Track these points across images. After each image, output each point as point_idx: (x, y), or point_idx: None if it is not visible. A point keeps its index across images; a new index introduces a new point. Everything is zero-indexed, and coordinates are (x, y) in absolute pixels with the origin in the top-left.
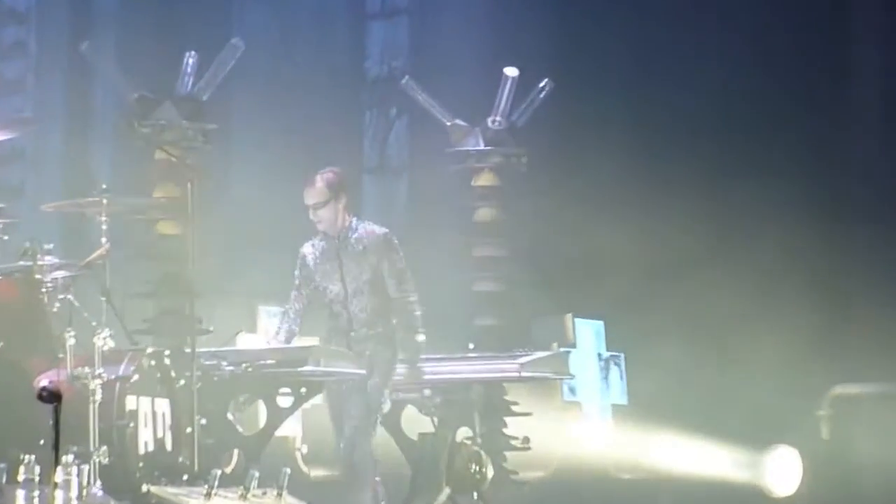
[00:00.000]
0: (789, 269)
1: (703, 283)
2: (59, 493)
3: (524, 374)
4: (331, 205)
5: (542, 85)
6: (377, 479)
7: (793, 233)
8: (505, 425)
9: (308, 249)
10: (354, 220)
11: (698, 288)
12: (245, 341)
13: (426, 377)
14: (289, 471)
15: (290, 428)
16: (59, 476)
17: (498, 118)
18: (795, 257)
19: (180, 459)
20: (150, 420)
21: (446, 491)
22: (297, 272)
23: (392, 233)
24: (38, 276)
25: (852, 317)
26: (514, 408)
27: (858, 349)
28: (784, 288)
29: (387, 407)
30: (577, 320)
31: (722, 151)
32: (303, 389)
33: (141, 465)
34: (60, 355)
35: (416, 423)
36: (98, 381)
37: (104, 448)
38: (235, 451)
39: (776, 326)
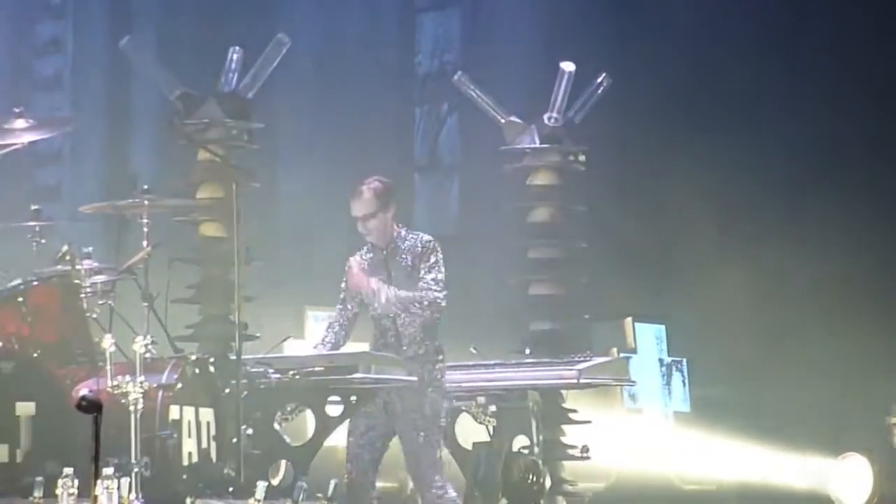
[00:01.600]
0: (859, 275)
1: (769, 287)
2: None
3: (583, 380)
4: (379, 216)
5: (599, 80)
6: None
7: (862, 239)
8: (563, 434)
9: (355, 261)
10: (403, 230)
11: (763, 292)
12: (293, 348)
13: (481, 384)
14: (338, 481)
15: (340, 438)
16: (98, 489)
17: (554, 115)
18: (865, 264)
19: (225, 471)
20: (194, 430)
21: (503, 502)
22: (343, 285)
23: (438, 237)
24: (76, 281)
25: None
26: (572, 416)
27: None
28: (853, 293)
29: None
30: (637, 325)
31: (791, 144)
32: (353, 398)
33: (185, 477)
34: (100, 363)
35: (470, 431)
36: (140, 390)
37: (146, 460)
38: (283, 462)
39: (845, 332)
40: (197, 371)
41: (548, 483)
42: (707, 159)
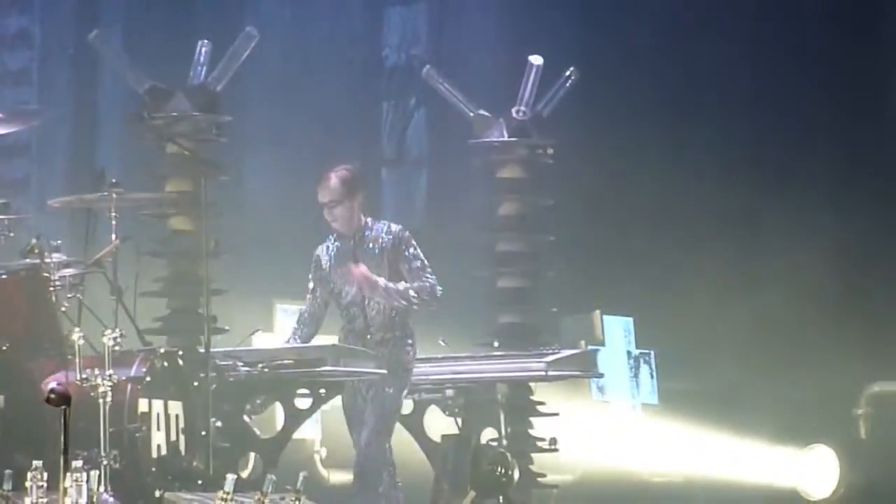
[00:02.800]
0: (826, 266)
1: (737, 279)
2: (67, 500)
3: (551, 372)
4: (346, 203)
5: (567, 74)
6: (398, 483)
7: (829, 230)
8: (531, 426)
9: (322, 251)
10: (370, 219)
11: (731, 284)
12: (262, 341)
13: (450, 376)
14: (307, 474)
15: (309, 430)
16: (68, 482)
17: (522, 108)
18: (832, 255)
19: (194, 464)
20: (163, 423)
21: (471, 494)
22: (311, 275)
23: (406, 228)
24: (45, 275)
25: (891, 313)
26: (540, 408)
27: None
28: (821, 285)
29: (407, 408)
30: (605, 317)
31: (758, 137)
32: (322, 390)
33: (153, 469)
34: (69, 356)
35: (439, 424)
36: (108, 383)
37: (115, 453)
38: (252, 455)
39: (812, 324)
40: (166, 364)
41: (516, 475)
42: (675, 152)
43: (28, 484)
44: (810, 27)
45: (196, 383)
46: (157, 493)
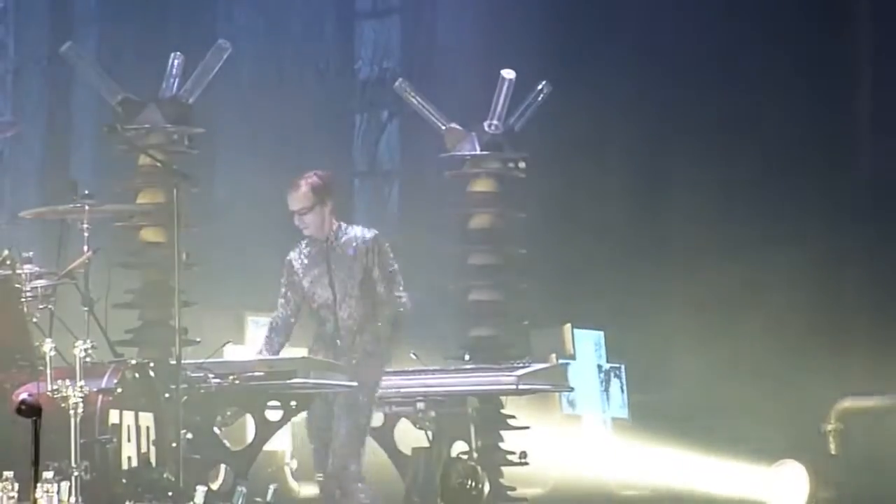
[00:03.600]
0: (794, 281)
1: (707, 293)
2: None
3: (521, 386)
4: (316, 210)
5: (539, 87)
6: (365, 500)
7: (797, 244)
8: (502, 439)
9: (294, 255)
10: (342, 224)
11: (701, 299)
12: (232, 353)
13: (420, 389)
14: (277, 486)
15: (280, 442)
16: (38, 493)
17: (495, 122)
18: (801, 270)
19: (165, 475)
20: (134, 434)
21: None
22: (283, 279)
23: (381, 235)
24: (17, 286)
25: (859, 329)
26: (511, 421)
27: (865, 361)
28: (789, 300)
29: (378, 421)
30: (576, 331)
31: (727, 155)
32: (292, 403)
33: (124, 481)
34: (40, 367)
35: (409, 437)
36: (79, 395)
37: (86, 464)
38: (222, 467)
39: (782, 339)
40: (137, 375)
41: (486, 488)
42: (647, 166)
43: None
44: (784, 36)
45: (167, 395)
46: None
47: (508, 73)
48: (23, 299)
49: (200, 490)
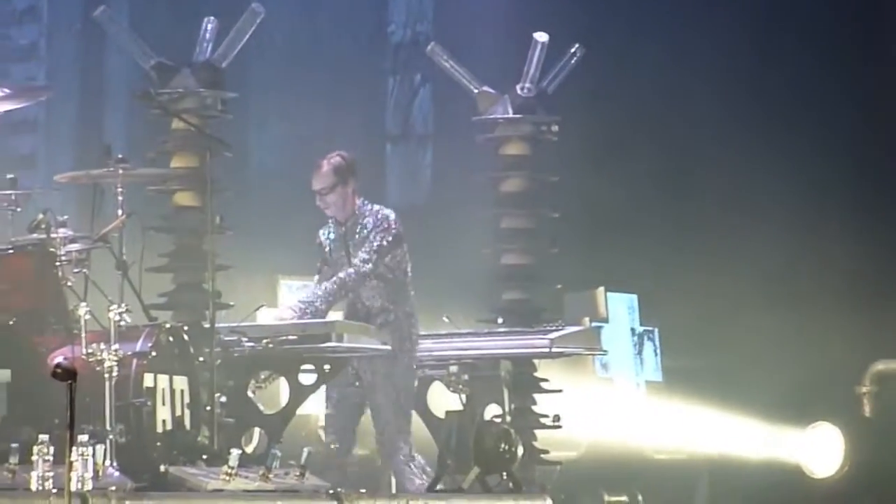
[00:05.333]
0: (830, 242)
1: (741, 255)
2: (74, 474)
3: (555, 349)
4: (338, 190)
5: (572, 50)
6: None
7: (831, 205)
8: (535, 403)
9: (323, 235)
10: (361, 203)
11: (735, 260)
12: (266, 316)
13: (453, 353)
14: (311, 450)
15: (313, 406)
16: (73, 456)
17: (527, 85)
18: (836, 231)
19: (199, 438)
20: (168, 398)
21: (475, 470)
22: (319, 260)
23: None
24: (52, 250)
25: (894, 292)
26: (544, 384)
27: None
28: (825, 262)
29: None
30: (609, 294)
31: (757, 120)
32: (326, 366)
33: (159, 444)
34: (75, 331)
35: (443, 400)
36: (114, 358)
37: (121, 427)
38: (256, 430)
39: (817, 301)
40: (171, 339)
41: (520, 451)
42: (680, 128)
43: (34, 458)
44: (820, 5)
45: (201, 358)
46: (162, 468)
47: (541, 36)
48: (57, 263)
49: (234, 453)
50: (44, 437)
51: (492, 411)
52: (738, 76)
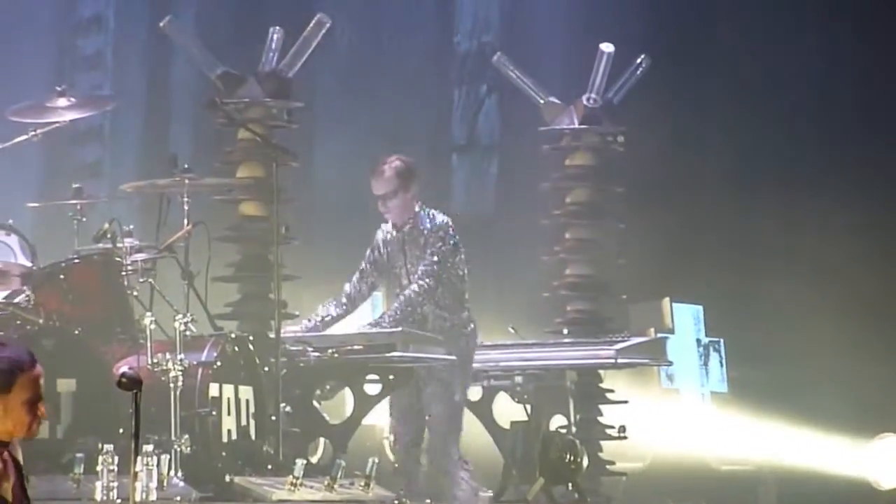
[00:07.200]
0: (893, 256)
1: (808, 266)
2: (138, 484)
3: (620, 360)
4: (400, 195)
5: (638, 61)
6: (468, 467)
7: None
8: (600, 413)
9: (381, 234)
10: (423, 209)
11: (800, 273)
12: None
13: (519, 363)
14: (377, 460)
15: (378, 416)
16: (138, 466)
17: (593, 96)
18: None
19: (264, 448)
20: (234, 408)
21: (540, 481)
22: (368, 254)
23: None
24: (117, 259)
25: None
26: (609, 395)
27: None
28: (890, 274)
29: (476, 395)
30: (675, 305)
31: (826, 127)
32: (391, 376)
33: (224, 454)
34: (141, 341)
35: (508, 411)
36: (179, 368)
37: (186, 437)
38: (321, 440)
39: (884, 311)
40: (236, 349)
41: (585, 462)
42: (746, 140)
43: (99, 468)
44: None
45: (266, 368)
46: (228, 478)
47: (607, 47)
48: (123, 273)
49: (300, 463)
50: (109, 446)
51: (557, 422)
52: (813, 84)
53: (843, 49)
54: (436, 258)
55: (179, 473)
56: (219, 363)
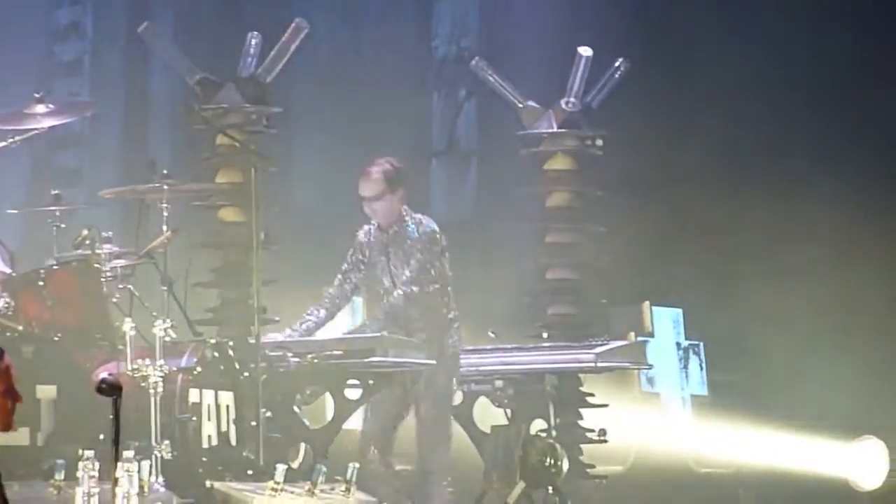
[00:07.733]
0: (876, 257)
1: (787, 270)
2: (119, 490)
3: (600, 364)
4: (387, 198)
5: (616, 65)
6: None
7: (879, 219)
8: (580, 417)
9: (363, 235)
10: (409, 213)
11: (781, 275)
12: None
13: (499, 367)
14: (357, 465)
15: (358, 421)
16: (119, 472)
17: (572, 100)
18: (883, 245)
19: (245, 454)
20: (214, 413)
21: (521, 485)
22: (349, 255)
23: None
24: (97, 265)
25: None
26: (589, 399)
27: None
28: (871, 276)
29: (457, 399)
30: (654, 308)
31: (808, 129)
32: (371, 381)
33: (204, 459)
34: (120, 347)
35: (488, 415)
36: (159, 374)
37: (166, 442)
38: (302, 445)
39: (862, 315)
40: (216, 354)
41: (565, 466)
42: (725, 143)
43: (79, 474)
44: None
45: (246, 374)
46: (208, 483)
47: (585, 51)
48: (102, 279)
49: (280, 468)
50: (89, 453)
51: (537, 426)
52: (793, 84)
53: (826, 52)
54: (419, 262)
55: (160, 479)
56: (199, 369)
